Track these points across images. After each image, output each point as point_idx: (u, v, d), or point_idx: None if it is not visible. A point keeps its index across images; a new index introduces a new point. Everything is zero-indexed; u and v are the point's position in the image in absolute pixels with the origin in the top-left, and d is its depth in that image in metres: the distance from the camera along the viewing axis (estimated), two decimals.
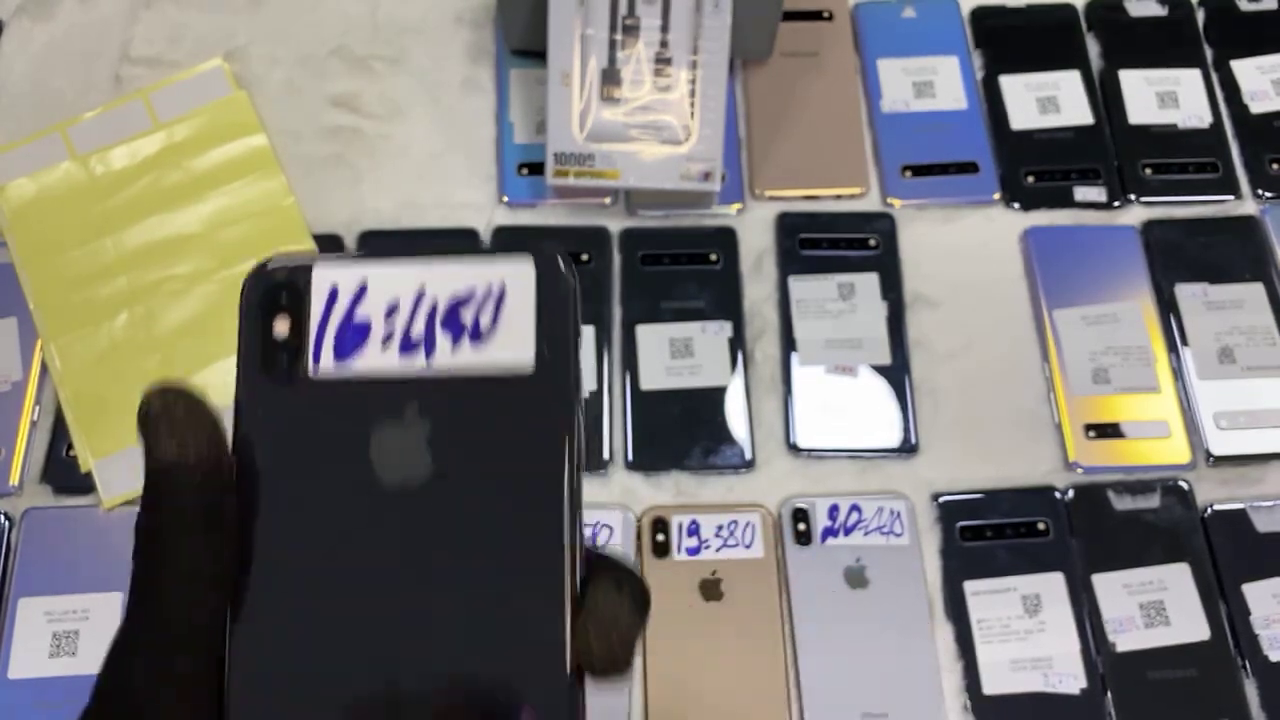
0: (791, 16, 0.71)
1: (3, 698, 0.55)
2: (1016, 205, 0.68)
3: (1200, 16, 0.74)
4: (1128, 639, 0.56)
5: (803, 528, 0.59)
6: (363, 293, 0.24)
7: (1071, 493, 0.60)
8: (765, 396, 0.63)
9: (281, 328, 0.24)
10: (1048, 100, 0.71)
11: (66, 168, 0.66)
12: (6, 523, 0.58)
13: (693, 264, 0.65)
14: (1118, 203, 0.68)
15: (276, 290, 0.24)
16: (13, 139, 0.68)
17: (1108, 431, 0.61)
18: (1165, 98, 0.71)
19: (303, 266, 0.24)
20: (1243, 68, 0.72)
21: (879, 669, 0.56)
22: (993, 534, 0.59)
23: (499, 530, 0.22)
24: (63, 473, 0.60)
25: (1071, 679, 0.56)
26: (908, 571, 0.58)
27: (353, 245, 0.66)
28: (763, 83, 0.71)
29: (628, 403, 0.62)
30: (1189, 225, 0.67)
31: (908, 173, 0.68)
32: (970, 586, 0.58)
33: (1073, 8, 0.74)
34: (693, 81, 0.62)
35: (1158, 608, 0.57)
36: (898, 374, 0.63)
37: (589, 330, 0.63)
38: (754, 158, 0.69)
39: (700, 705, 0.55)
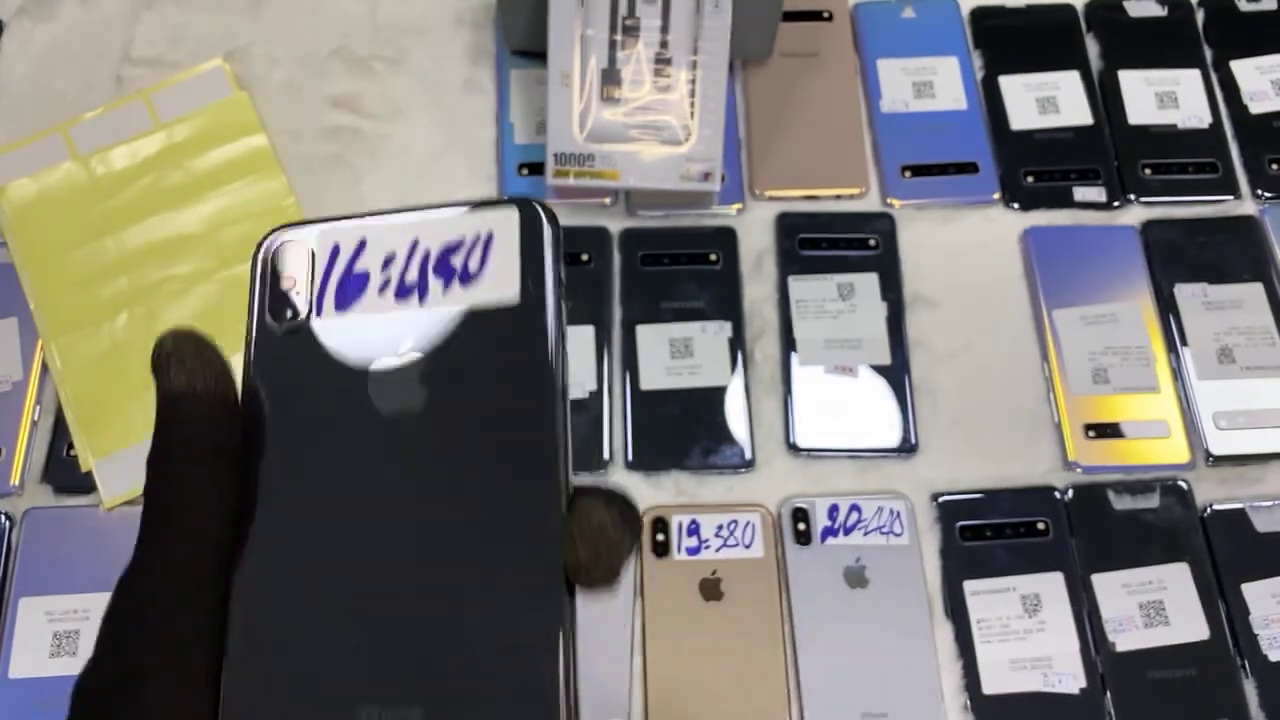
0: (791, 16, 0.71)
1: (3, 697, 0.55)
2: (1016, 205, 0.68)
3: (1200, 17, 0.74)
4: (1127, 639, 0.56)
5: (802, 527, 0.59)
6: (362, 247, 0.25)
7: (1071, 493, 0.60)
8: (765, 396, 0.63)
9: (288, 282, 0.25)
10: (1047, 100, 0.71)
11: (67, 168, 0.67)
12: (7, 522, 0.59)
13: (693, 264, 0.65)
14: (1117, 203, 0.68)
15: (284, 248, 0.26)
16: (14, 139, 0.68)
17: (1107, 431, 0.61)
18: (1165, 98, 0.71)
19: (309, 227, 0.26)
20: (1242, 68, 0.72)
21: (879, 669, 0.56)
22: (992, 534, 0.59)
23: (492, 449, 0.23)
24: (63, 473, 0.60)
25: (1071, 679, 0.56)
26: (907, 571, 0.58)
27: None
28: (763, 83, 0.71)
29: (628, 403, 0.62)
30: (1188, 225, 0.67)
31: (907, 173, 0.68)
32: (970, 586, 0.58)
33: (1072, 8, 0.74)
34: (693, 82, 0.62)
35: (1157, 607, 0.57)
36: (897, 374, 0.63)
37: (589, 330, 0.63)
38: (754, 158, 0.69)
39: (700, 705, 0.55)
